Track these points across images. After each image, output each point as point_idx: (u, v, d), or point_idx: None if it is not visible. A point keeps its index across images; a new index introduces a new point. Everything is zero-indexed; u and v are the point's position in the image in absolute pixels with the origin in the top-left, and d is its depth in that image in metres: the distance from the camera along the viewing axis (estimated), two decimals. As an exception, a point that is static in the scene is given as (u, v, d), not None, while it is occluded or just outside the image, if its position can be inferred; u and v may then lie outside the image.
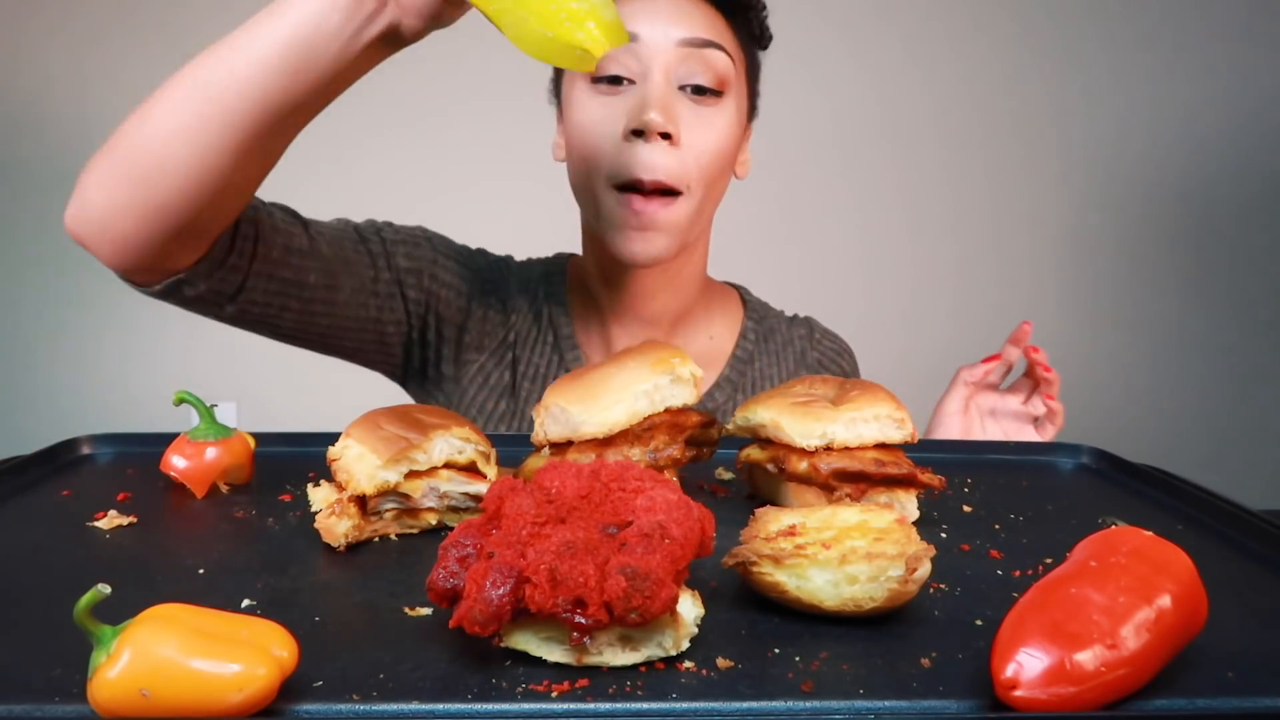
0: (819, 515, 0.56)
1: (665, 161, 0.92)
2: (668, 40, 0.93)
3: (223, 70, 0.71)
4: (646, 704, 0.43)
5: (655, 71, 0.93)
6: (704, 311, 1.12)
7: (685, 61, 0.93)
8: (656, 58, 0.93)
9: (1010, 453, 0.89)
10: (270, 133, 0.74)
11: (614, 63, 0.93)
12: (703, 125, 0.95)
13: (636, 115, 0.91)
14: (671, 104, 0.93)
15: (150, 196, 0.74)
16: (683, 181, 0.94)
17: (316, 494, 0.65)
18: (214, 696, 0.39)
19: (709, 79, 0.94)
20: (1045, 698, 0.41)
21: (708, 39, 0.94)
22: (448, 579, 0.47)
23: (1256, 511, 0.68)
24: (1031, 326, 1.04)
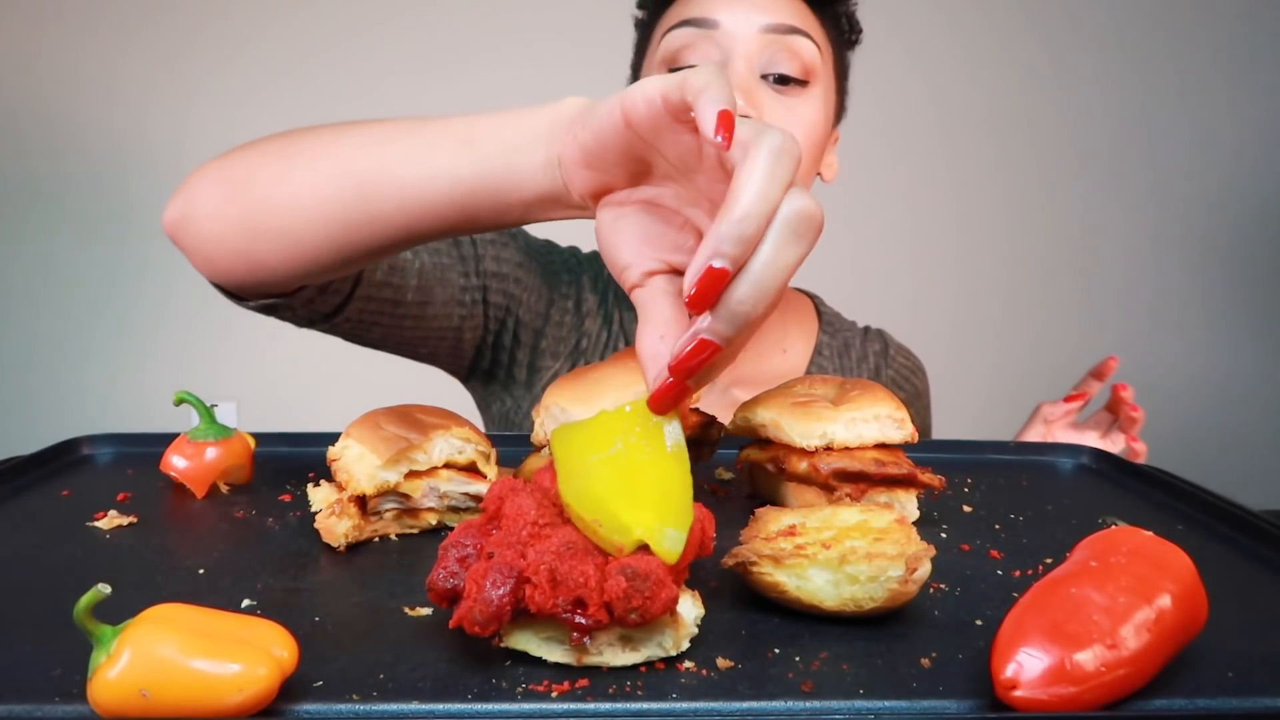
0: (819, 515, 0.56)
1: None
2: (750, 26, 0.87)
3: (388, 179, 0.62)
4: (646, 704, 0.43)
5: (737, 59, 0.87)
6: (779, 323, 1.06)
7: (769, 49, 0.87)
8: (738, 45, 0.87)
9: (1010, 453, 0.89)
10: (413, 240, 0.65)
11: (692, 52, 0.88)
12: (787, 114, 0.88)
13: None
14: (754, 90, 0.87)
15: (255, 248, 0.69)
16: None
17: (316, 494, 0.65)
18: (214, 697, 0.39)
19: (794, 68, 0.88)
20: (1045, 698, 0.41)
21: (793, 25, 0.88)
22: (448, 579, 0.47)
23: (1256, 511, 0.68)
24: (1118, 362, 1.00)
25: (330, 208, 0.64)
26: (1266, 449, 2.79)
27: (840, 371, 1.08)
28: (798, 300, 1.11)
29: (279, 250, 0.68)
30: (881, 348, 1.13)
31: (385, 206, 0.63)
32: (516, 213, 0.60)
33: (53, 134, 2.31)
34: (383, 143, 0.63)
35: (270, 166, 0.67)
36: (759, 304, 0.45)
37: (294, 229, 0.66)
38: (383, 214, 0.63)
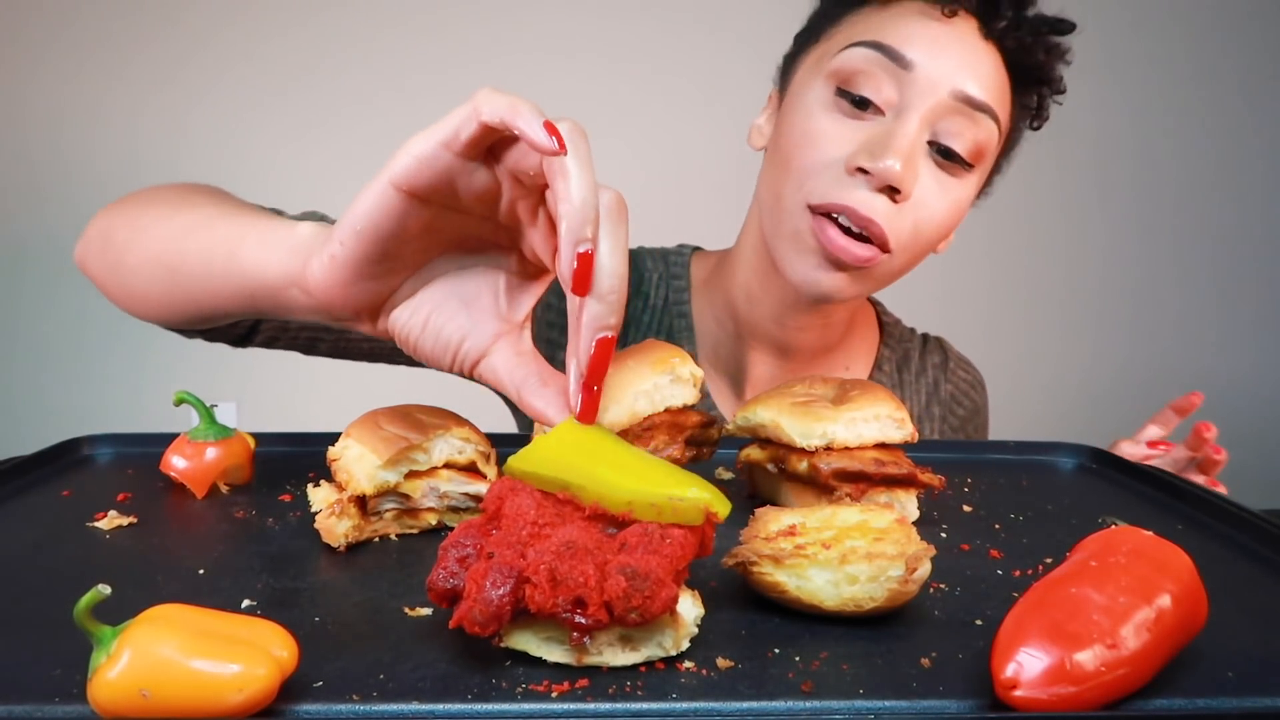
0: (819, 515, 0.56)
1: (884, 210, 0.79)
2: (944, 86, 0.78)
3: (186, 272, 0.65)
4: (646, 704, 0.43)
5: (912, 116, 0.78)
6: (846, 344, 1.00)
7: (950, 116, 0.79)
8: (922, 100, 0.78)
9: (1010, 453, 0.89)
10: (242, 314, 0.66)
11: (870, 82, 0.79)
12: (940, 191, 0.81)
13: (873, 154, 0.77)
14: (915, 157, 0.79)
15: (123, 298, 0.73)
16: (895, 239, 0.80)
17: (316, 494, 0.65)
18: (214, 697, 0.39)
19: (966, 147, 0.80)
20: (1045, 698, 0.41)
21: (986, 102, 0.79)
22: (448, 579, 0.47)
23: (1256, 511, 0.68)
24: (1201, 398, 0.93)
25: (155, 285, 0.68)
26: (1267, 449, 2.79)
27: (898, 386, 1.03)
28: (863, 312, 1.04)
29: (137, 304, 0.72)
30: (941, 360, 1.08)
31: (191, 291, 0.65)
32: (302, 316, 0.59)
33: (53, 133, 2.31)
34: (185, 236, 0.65)
35: (121, 232, 0.71)
36: (620, 282, 0.47)
37: (138, 291, 0.70)
38: (192, 297, 0.66)
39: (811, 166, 0.80)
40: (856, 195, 0.78)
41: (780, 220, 0.84)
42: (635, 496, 0.48)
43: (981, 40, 0.80)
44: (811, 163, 0.80)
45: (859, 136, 0.79)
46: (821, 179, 0.80)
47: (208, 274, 0.63)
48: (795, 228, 0.82)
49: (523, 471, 0.51)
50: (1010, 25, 0.80)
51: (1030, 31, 0.82)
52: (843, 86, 0.80)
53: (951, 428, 1.08)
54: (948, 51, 0.78)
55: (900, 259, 0.83)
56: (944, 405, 1.07)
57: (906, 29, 0.78)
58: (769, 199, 0.86)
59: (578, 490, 0.49)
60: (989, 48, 0.80)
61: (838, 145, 0.79)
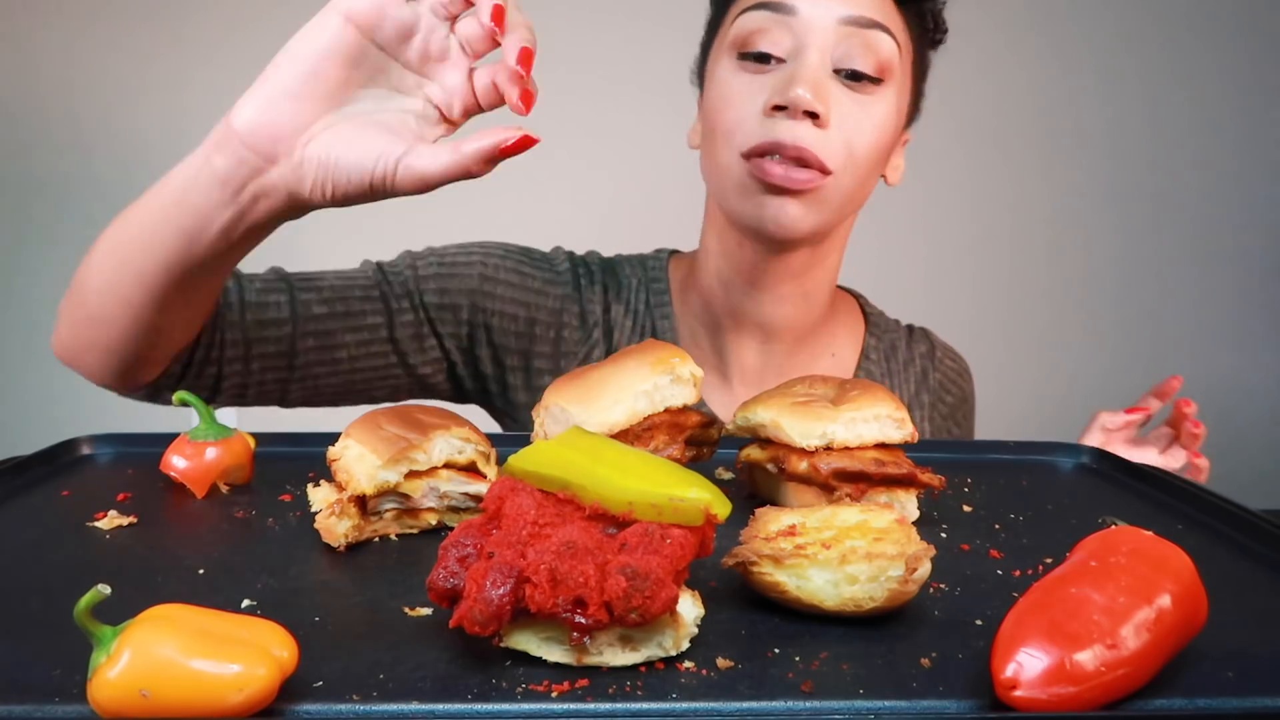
0: (819, 515, 0.56)
1: (810, 136, 0.83)
2: (828, 16, 0.84)
3: (131, 233, 0.72)
4: (646, 704, 0.43)
5: (810, 50, 0.84)
6: (828, 326, 1.03)
7: (845, 41, 0.84)
8: (813, 35, 0.84)
9: (1010, 453, 0.89)
10: (185, 286, 0.73)
11: (764, 37, 0.85)
12: (857, 110, 0.85)
13: (783, 90, 0.82)
14: (822, 83, 0.83)
15: (97, 337, 0.78)
16: (830, 160, 0.84)
17: (316, 494, 0.65)
18: (214, 697, 0.39)
19: (869, 64, 0.85)
20: (1045, 698, 0.41)
21: (874, 19, 0.84)
22: (448, 579, 0.47)
23: (1256, 511, 0.68)
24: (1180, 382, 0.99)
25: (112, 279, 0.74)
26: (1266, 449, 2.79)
27: (887, 375, 1.04)
28: (844, 301, 1.07)
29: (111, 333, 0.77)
30: (928, 349, 1.10)
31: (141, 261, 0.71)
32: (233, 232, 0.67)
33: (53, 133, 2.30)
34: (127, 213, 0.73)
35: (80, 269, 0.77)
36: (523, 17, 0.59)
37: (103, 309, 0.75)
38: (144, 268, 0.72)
39: (734, 122, 0.86)
40: (780, 130, 0.83)
41: (724, 181, 0.89)
42: (636, 496, 0.48)
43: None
44: (733, 119, 0.86)
45: (770, 81, 0.85)
46: (745, 128, 0.85)
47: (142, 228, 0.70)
48: (738, 180, 0.87)
49: (523, 471, 0.51)
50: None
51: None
52: (743, 50, 0.86)
53: (941, 415, 1.09)
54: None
55: (845, 179, 0.86)
56: (933, 393, 1.08)
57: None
58: (711, 172, 0.91)
59: (578, 490, 0.49)
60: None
61: (752, 97, 0.85)
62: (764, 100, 0.84)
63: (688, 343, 1.00)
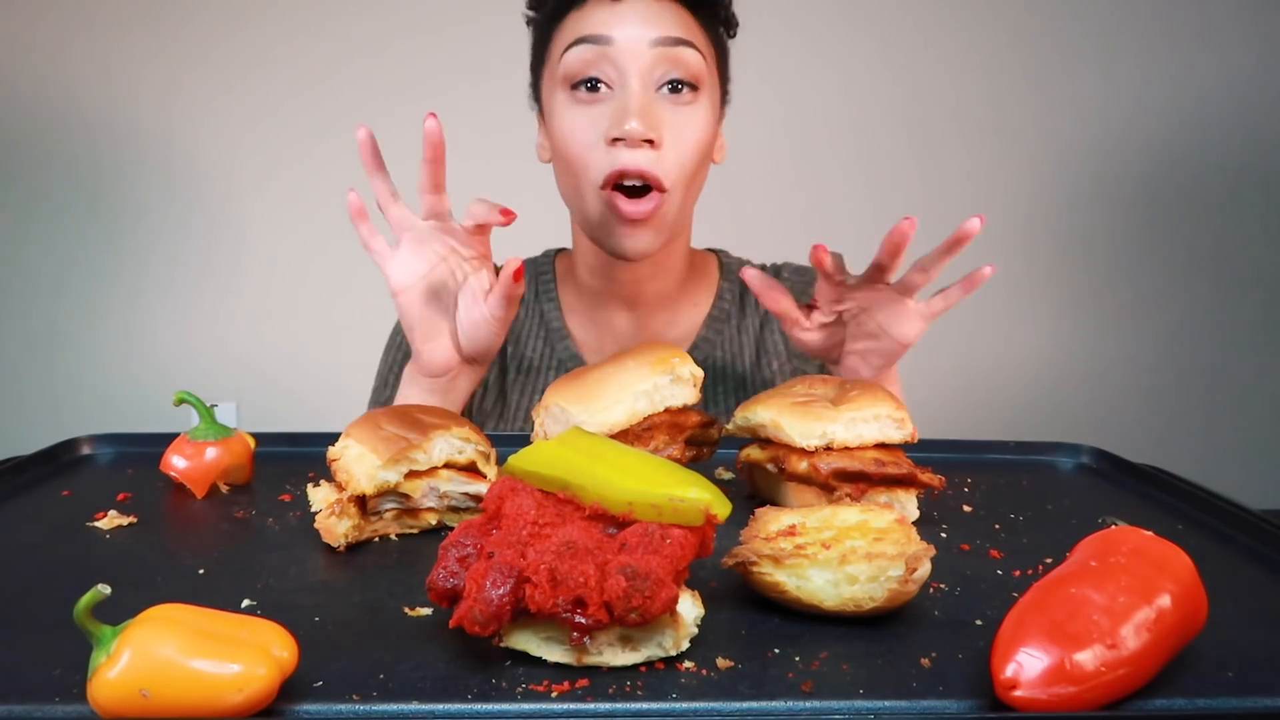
0: (819, 515, 0.56)
1: (647, 160, 0.95)
2: (641, 42, 0.95)
3: None
4: (646, 704, 0.43)
5: (632, 76, 0.95)
6: (689, 285, 1.16)
7: (660, 62, 0.96)
8: (632, 61, 0.95)
9: (1010, 453, 0.89)
10: None
11: (591, 68, 0.96)
12: (682, 123, 0.97)
13: (618, 124, 0.94)
14: (651, 109, 0.95)
15: None
16: (667, 179, 0.96)
17: (316, 494, 0.65)
18: (214, 697, 0.39)
19: (684, 75, 0.97)
20: (1045, 698, 0.41)
21: (679, 37, 0.96)
22: (448, 579, 0.47)
23: (1256, 511, 0.68)
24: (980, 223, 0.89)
25: None
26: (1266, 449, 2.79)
27: (739, 311, 1.16)
28: (704, 260, 1.19)
29: None
30: (774, 272, 1.21)
31: None
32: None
33: (53, 133, 2.31)
34: None
35: None
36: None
37: None
38: None
39: (582, 154, 0.97)
40: (623, 159, 0.94)
41: (584, 210, 1.01)
42: (636, 497, 0.48)
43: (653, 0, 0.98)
44: (580, 152, 0.97)
45: (605, 111, 0.96)
46: (593, 160, 0.97)
47: None
48: (597, 212, 0.99)
49: (523, 471, 0.51)
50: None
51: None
52: (574, 82, 0.97)
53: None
54: (631, 17, 0.96)
55: (679, 192, 0.99)
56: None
57: (597, 17, 0.97)
58: (569, 196, 1.04)
59: (578, 490, 0.49)
60: (661, 1, 0.98)
61: (592, 127, 0.96)
62: (603, 131, 0.96)
63: (572, 323, 1.14)
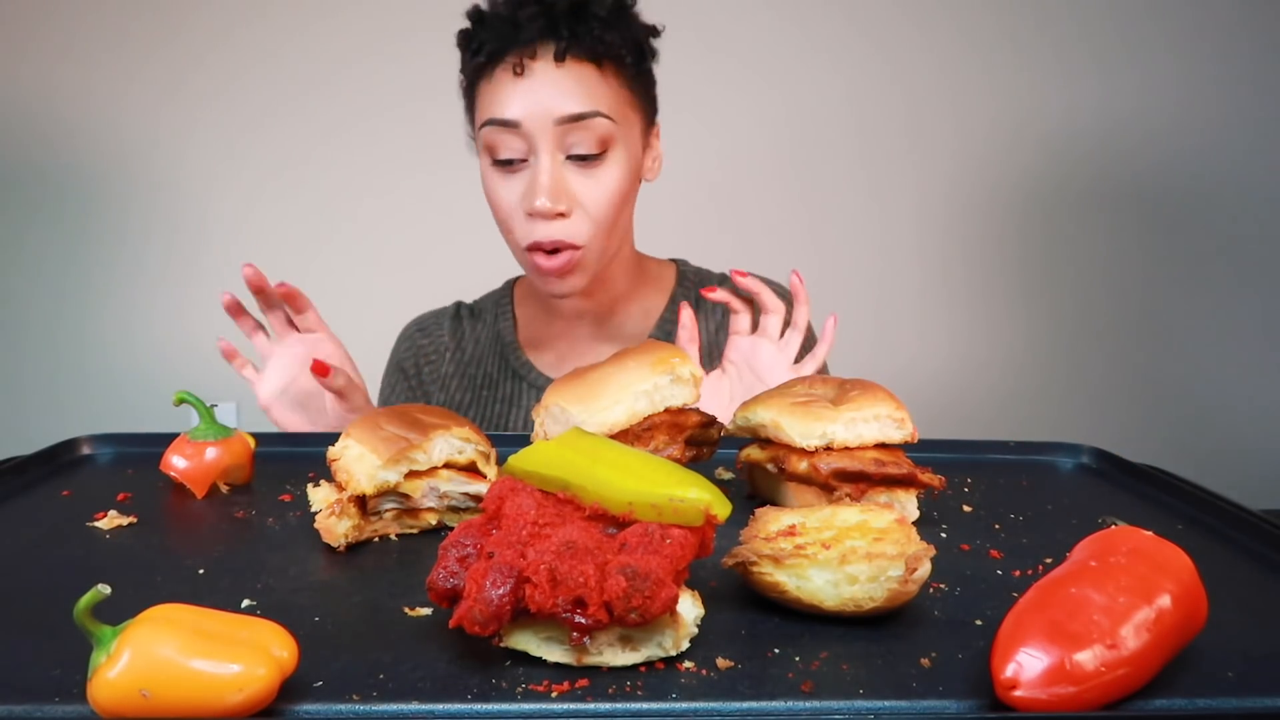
0: (819, 515, 0.56)
1: (562, 232, 1.01)
2: (547, 120, 0.99)
3: None
4: (646, 704, 0.43)
5: (542, 153, 1.00)
6: (640, 291, 1.21)
7: (567, 135, 1.00)
8: (540, 138, 0.99)
9: (1010, 453, 0.89)
10: None
11: (504, 148, 1.01)
12: (591, 186, 1.02)
13: (529, 201, 1.00)
14: (559, 183, 1.00)
15: None
16: (580, 239, 1.02)
17: (316, 494, 0.65)
18: (214, 697, 0.39)
19: (591, 145, 1.01)
20: (1045, 698, 0.41)
21: (583, 111, 0.99)
22: (448, 579, 0.47)
23: (1256, 511, 0.68)
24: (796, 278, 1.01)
25: None
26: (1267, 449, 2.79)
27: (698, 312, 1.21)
28: (659, 268, 1.25)
29: None
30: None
31: None
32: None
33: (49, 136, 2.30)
34: None
35: None
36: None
37: None
38: None
39: (505, 218, 1.05)
40: (538, 231, 1.01)
41: (519, 259, 1.09)
42: (636, 497, 0.48)
43: (558, 67, 1.00)
44: (504, 217, 1.05)
45: (519, 184, 1.03)
46: (515, 226, 1.04)
47: None
48: (525, 264, 1.07)
49: (523, 471, 0.51)
50: (570, 42, 1.00)
51: (587, 33, 1.01)
52: (493, 157, 1.03)
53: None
54: (535, 96, 0.99)
55: (596, 243, 1.04)
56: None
57: (502, 97, 1.00)
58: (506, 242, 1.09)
59: (578, 490, 0.49)
60: (567, 67, 1.00)
61: (509, 196, 1.03)
62: (518, 201, 1.02)
63: (524, 338, 1.22)
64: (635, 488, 0.48)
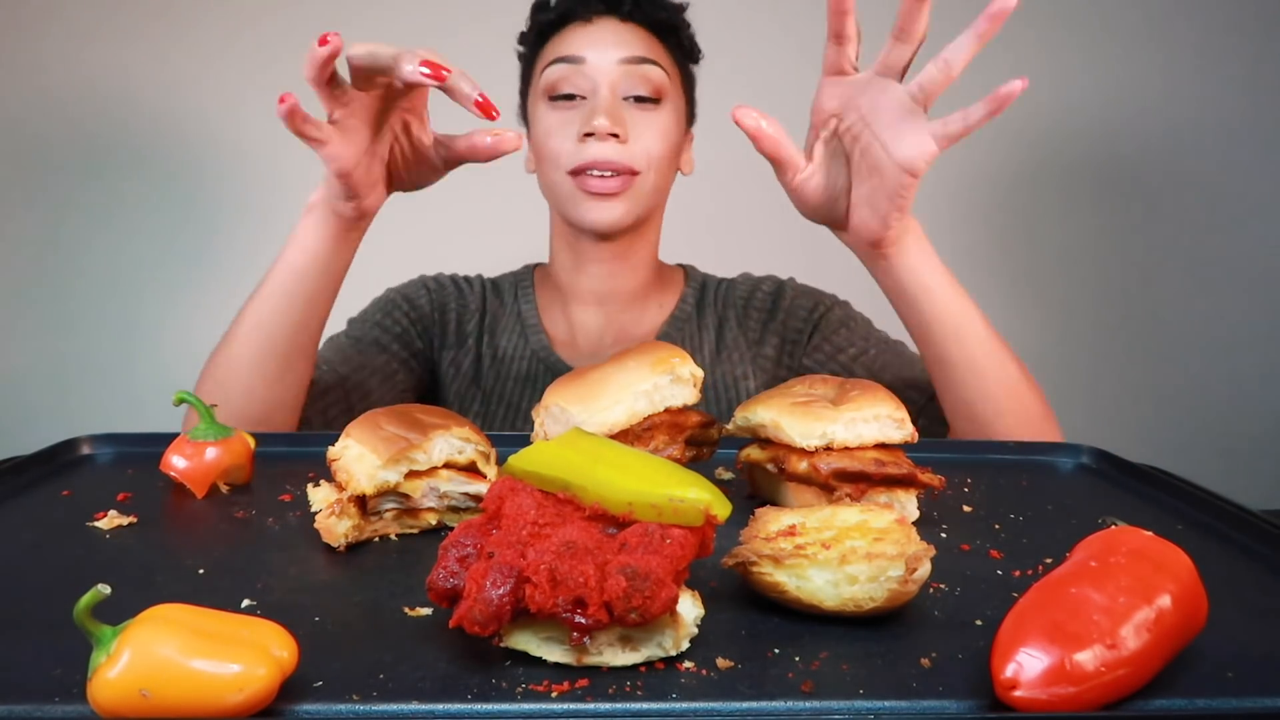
0: (819, 515, 0.56)
1: (617, 154, 1.10)
2: (610, 60, 1.11)
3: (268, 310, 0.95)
4: (646, 704, 0.43)
5: (602, 87, 1.11)
6: (655, 290, 1.27)
7: (627, 77, 1.11)
8: (602, 76, 1.11)
9: (1010, 453, 0.89)
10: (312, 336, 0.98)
11: (566, 83, 1.11)
12: (646, 125, 1.12)
13: (588, 121, 1.09)
14: (617, 110, 1.10)
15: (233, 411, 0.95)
16: (636, 164, 1.11)
17: (316, 494, 0.65)
18: (214, 697, 0.39)
19: (648, 89, 1.12)
20: (1045, 698, 0.41)
21: (644, 56, 1.12)
22: (448, 579, 0.47)
23: (1256, 511, 0.68)
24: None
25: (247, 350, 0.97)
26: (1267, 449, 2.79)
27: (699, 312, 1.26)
28: (673, 271, 1.32)
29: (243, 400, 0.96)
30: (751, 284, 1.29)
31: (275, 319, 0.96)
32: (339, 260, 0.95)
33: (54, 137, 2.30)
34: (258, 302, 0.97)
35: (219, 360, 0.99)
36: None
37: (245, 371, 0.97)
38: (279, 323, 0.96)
39: (556, 148, 1.12)
40: (591, 151, 1.09)
41: (558, 194, 1.15)
42: (635, 497, 0.48)
43: (622, 24, 1.14)
44: (555, 146, 1.12)
45: (578, 114, 1.11)
46: (566, 152, 1.11)
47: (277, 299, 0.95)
48: (568, 191, 1.13)
49: (523, 471, 0.51)
50: (631, 7, 1.14)
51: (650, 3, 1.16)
52: (551, 94, 1.13)
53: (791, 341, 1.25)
54: (602, 39, 1.12)
55: (650, 176, 1.13)
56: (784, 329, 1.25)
57: (572, 40, 1.13)
58: (547, 189, 1.17)
59: (578, 490, 0.49)
60: (629, 25, 1.14)
61: (566, 128, 1.12)
62: (576, 130, 1.10)
63: (545, 317, 1.25)
64: (635, 488, 0.48)
